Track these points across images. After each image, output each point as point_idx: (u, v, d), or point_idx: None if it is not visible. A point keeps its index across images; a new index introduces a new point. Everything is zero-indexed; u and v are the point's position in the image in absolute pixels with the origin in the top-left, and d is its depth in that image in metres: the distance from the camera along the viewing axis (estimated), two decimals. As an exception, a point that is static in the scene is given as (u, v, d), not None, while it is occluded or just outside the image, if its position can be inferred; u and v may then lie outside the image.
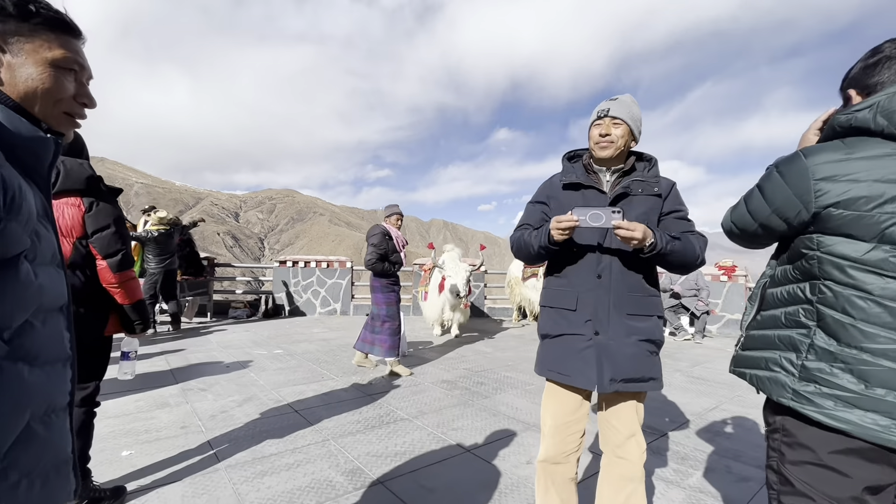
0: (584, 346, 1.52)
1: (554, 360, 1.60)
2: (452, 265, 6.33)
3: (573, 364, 1.53)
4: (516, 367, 4.74)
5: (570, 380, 1.53)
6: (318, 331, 6.83)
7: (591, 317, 1.52)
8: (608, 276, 1.53)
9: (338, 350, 5.38)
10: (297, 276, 8.62)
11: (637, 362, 1.49)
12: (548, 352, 1.63)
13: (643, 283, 1.56)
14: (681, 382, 4.35)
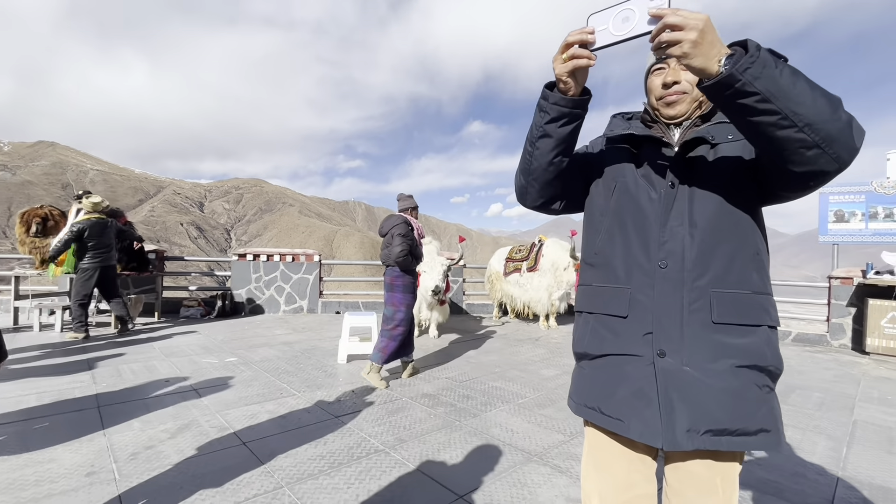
0: (642, 373, 0.99)
1: (596, 394, 1.06)
2: (429, 259, 5.77)
3: (625, 402, 1.00)
4: (504, 376, 4.24)
5: (622, 427, 1.00)
6: (281, 332, 6.14)
7: (653, 328, 0.98)
8: (678, 258, 0.98)
9: (301, 357, 4.74)
10: (258, 270, 7.85)
11: (735, 402, 0.94)
12: (586, 380, 1.10)
13: (742, 267, 0.98)
14: (685, 390, 3.95)
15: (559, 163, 1.07)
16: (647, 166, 1.06)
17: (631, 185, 1.07)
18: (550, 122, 1.00)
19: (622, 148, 1.13)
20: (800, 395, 3.96)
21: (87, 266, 5.51)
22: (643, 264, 1.01)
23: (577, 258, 6.61)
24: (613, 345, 1.03)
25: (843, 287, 6.46)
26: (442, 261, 5.63)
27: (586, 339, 1.09)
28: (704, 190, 0.99)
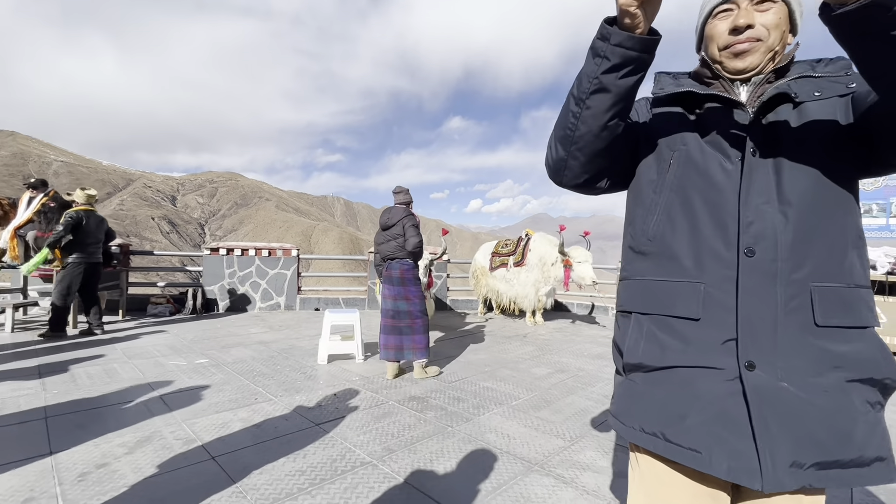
0: (723, 392, 0.78)
1: (656, 416, 0.84)
2: None
3: (702, 429, 0.79)
4: (495, 375, 4.04)
5: (700, 461, 0.78)
6: (257, 331, 5.80)
7: (737, 333, 0.78)
8: (769, 244, 0.78)
9: (278, 357, 4.44)
10: (232, 265, 7.44)
11: (847, 426, 0.75)
12: (641, 398, 0.88)
13: (843, 255, 0.79)
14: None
15: (614, 127, 0.85)
16: (713, 132, 0.85)
17: (696, 153, 0.86)
18: (610, 70, 0.78)
19: (674, 111, 0.92)
20: (794, 391, 3.90)
21: (78, 261, 5.16)
22: (720, 252, 0.80)
23: (565, 254, 6.47)
24: (681, 354, 0.82)
25: (825, 282, 6.51)
26: (425, 255, 5.40)
27: (641, 347, 0.88)
28: (794, 160, 0.79)
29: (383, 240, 4.05)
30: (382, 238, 4.07)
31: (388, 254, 3.99)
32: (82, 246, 5.20)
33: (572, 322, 7.41)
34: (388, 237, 4.01)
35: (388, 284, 3.97)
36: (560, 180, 0.96)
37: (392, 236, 3.98)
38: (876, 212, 6.93)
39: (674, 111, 0.92)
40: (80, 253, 5.17)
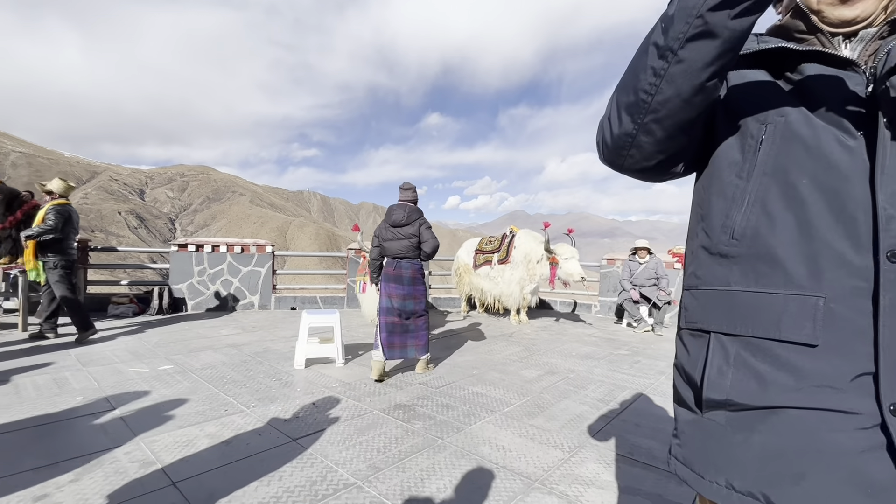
0: (859, 444, 0.59)
1: (759, 472, 0.64)
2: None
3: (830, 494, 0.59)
4: (484, 379, 3.86)
5: None
6: (228, 332, 5.45)
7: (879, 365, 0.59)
8: None
9: (251, 362, 4.14)
10: (202, 262, 7.02)
11: None
12: (731, 444, 0.68)
13: None
14: (668, 389, 3.71)
15: (712, 90, 0.65)
16: (823, 99, 0.66)
17: (800, 127, 0.66)
18: (721, 5, 0.57)
19: (759, 76, 0.73)
20: (784, 391, 3.85)
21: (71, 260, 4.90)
22: (846, 255, 0.61)
23: (552, 251, 6.34)
24: (792, 392, 0.63)
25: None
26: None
27: (729, 379, 0.68)
28: None
29: (393, 237, 3.90)
30: (392, 235, 3.91)
31: (398, 252, 3.88)
32: (69, 242, 4.88)
33: (557, 320, 7.31)
34: (399, 235, 3.89)
35: (396, 283, 3.86)
36: (620, 163, 0.75)
37: (406, 235, 3.88)
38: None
39: (758, 76, 0.73)
40: (69, 250, 4.88)
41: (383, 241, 3.96)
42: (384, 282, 3.91)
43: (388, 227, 3.95)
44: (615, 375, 4.10)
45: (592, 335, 6.11)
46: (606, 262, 8.16)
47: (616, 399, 3.44)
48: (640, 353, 5.10)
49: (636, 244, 6.92)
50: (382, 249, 3.98)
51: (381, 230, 3.99)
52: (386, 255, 3.96)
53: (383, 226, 3.99)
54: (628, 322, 6.90)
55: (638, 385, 3.82)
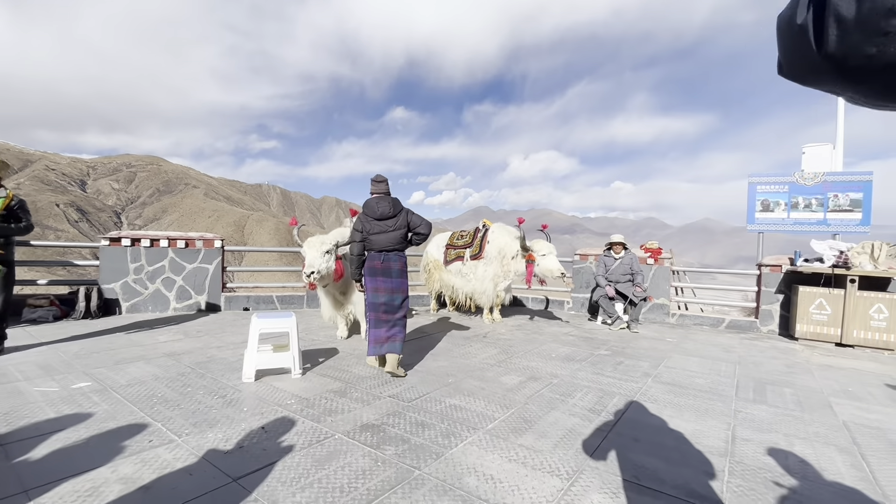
0: None
1: None
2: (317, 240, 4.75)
3: None
4: (461, 388, 3.46)
5: None
6: (167, 339, 4.78)
7: None
8: None
9: (191, 375, 3.55)
10: (139, 258, 6.23)
11: None
12: None
13: None
14: (663, 395, 3.48)
15: None
16: None
17: None
18: None
19: None
20: (773, 391, 3.69)
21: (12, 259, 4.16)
22: None
23: (528, 248, 6.01)
24: None
25: (772, 274, 6.62)
26: (324, 238, 4.59)
27: None
28: None
29: (381, 230, 3.85)
30: (380, 228, 3.85)
31: (387, 245, 3.86)
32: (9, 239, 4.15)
33: (531, 318, 7.03)
34: (388, 228, 3.86)
35: (384, 277, 3.85)
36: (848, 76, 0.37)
37: (396, 227, 3.86)
38: (815, 206, 7.19)
39: None
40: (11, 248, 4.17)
41: (370, 234, 3.86)
42: (370, 276, 3.85)
43: (372, 220, 3.86)
44: (600, 380, 3.81)
45: (569, 334, 5.85)
46: (579, 258, 7.97)
47: (607, 408, 3.13)
48: (620, 353, 4.86)
49: (611, 239, 6.73)
50: (368, 244, 3.87)
51: (364, 224, 3.87)
52: (372, 248, 3.87)
53: (366, 220, 3.88)
54: (603, 319, 6.71)
55: (626, 390, 3.54)
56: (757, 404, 3.36)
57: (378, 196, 3.96)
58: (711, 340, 5.81)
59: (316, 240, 4.53)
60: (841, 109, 7.63)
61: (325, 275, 4.46)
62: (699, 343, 5.60)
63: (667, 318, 7.18)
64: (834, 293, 5.80)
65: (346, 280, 5.00)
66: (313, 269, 4.24)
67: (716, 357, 4.84)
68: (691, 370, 4.26)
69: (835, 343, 5.80)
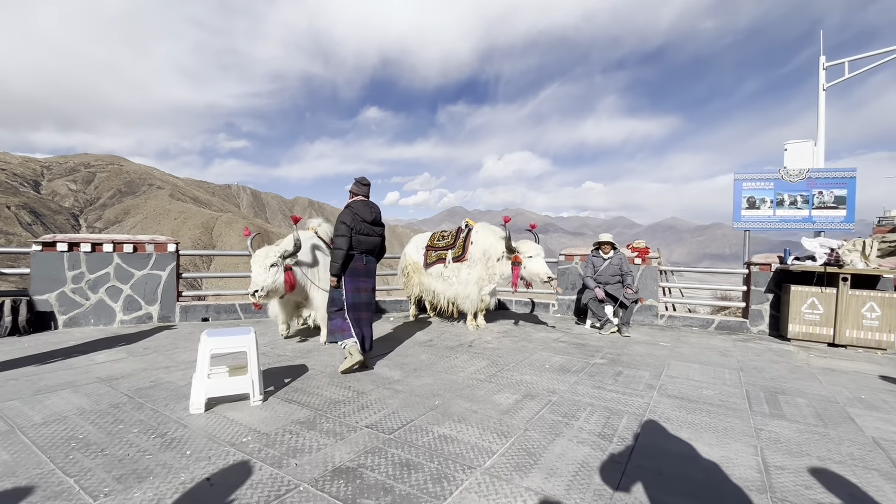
0: None
1: None
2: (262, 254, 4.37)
3: None
4: (450, 412, 3.01)
5: None
6: (106, 358, 4.14)
7: None
8: None
9: (128, 406, 2.97)
10: (78, 265, 5.50)
11: None
12: None
13: None
14: (675, 412, 3.12)
15: None
16: None
17: None
18: None
19: None
20: (787, 403, 3.40)
21: None
22: None
23: (514, 250, 5.61)
24: None
25: (762, 273, 6.45)
26: (269, 251, 4.31)
27: None
28: None
29: (368, 232, 4.00)
30: (367, 231, 4.00)
31: (369, 248, 4.04)
32: None
33: (515, 323, 6.64)
34: (373, 231, 4.06)
35: (366, 278, 4.05)
36: None
37: (380, 234, 4.13)
38: (800, 203, 7.09)
39: None
40: None
41: (360, 234, 3.93)
42: (353, 277, 3.92)
43: (362, 221, 3.95)
44: (603, 395, 3.44)
45: (559, 340, 5.48)
46: (564, 258, 7.65)
47: (618, 431, 2.74)
48: (617, 361, 4.52)
49: (599, 238, 6.42)
50: (357, 244, 3.92)
51: (357, 223, 3.93)
52: (355, 249, 3.92)
53: (356, 218, 3.93)
54: (592, 323, 6.39)
55: (634, 408, 3.17)
56: (775, 419, 3.05)
57: (365, 199, 4.09)
58: (705, 343, 5.56)
59: (261, 253, 4.30)
60: (822, 106, 7.59)
61: (271, 290, 4.20)
62: (694, 347, 5.33)
63: (656, 319, 6.93)
64: (826, 292, 5.65)
65: (301, 289, 4.69)
66: (257, 287, 4.05)
67: (715, 363, 4.56)
68: (695, 379, 3.94)
69: (827, 343, 5.65)
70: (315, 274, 4.81)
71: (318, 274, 4.82)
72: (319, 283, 4.78)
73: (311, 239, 4.97)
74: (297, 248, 4.45)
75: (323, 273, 4.83)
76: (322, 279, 4.79)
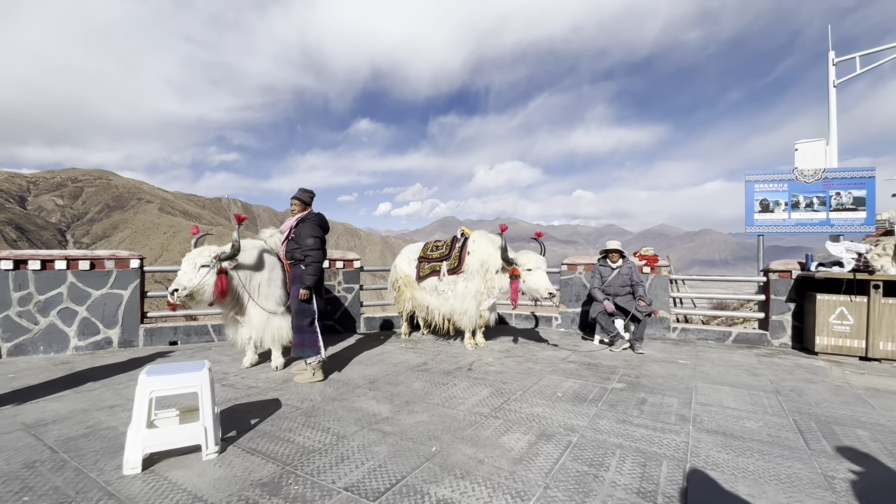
0: None
1: None
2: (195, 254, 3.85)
3: None
4: (450, 463, 2.43)
5: None
6: (44, 395, 3.51)
7: None
8: None
9: (47, 465, 2.35)
10: (25, 286, 4.87)
11: None
12: None
13: None
14: (722, 455, 2.58)
15: None
16: None
17: None
18: None
19: None
20: (847, 437, 2.87)
21: None
22: None
23: (511, 261, 5.07)
24: None
25: (782, 281, 5.98)
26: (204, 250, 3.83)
27: None
28: None
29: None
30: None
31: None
32: None
33: (515, 340, 6.09)
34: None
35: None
36: None
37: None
38: (817, 205, 6.66)
39: None
40: None
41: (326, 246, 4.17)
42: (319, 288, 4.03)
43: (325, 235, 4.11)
44: (631, 432, 2.89)
45: (568, 360, 4.94)
46: (567, 268, 7.13)
47: (660, 486, 2.19)
48: (637, 384, 3.98)
49: (607, 245, 5.92)
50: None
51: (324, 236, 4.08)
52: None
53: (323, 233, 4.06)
54: (601, 338, 5.86)
55: (671, 449, 2.63)
56: (843, 460, 2.52)
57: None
58: (728, 360, 5.05)
59: (194, 252, 3.77)
60: (833, 103, 7.22)
61: (195, 292, 3.62)
62: (717, 364, 4.81)
63: (668, 332, 6.42)
64: (856, 301, 5.17)
65: (237, 299, 4.11)
66: (178, 287, 3.54)
67: (747, 385, 4.04)
68: (731, 407, 3.42)
69: (859, 357, 5.17)
70: (256, 288, 4.20)
71: (260, 289, 4.22)
72: (259, 298, 4.19)
73: (258, 247, 4.38)
74: (234, 251, 3.90)
75: (266, 289, 4.26)
76: (264, 295, 4.23)
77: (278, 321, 4.24)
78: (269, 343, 4.26)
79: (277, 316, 4.26)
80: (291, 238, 4.05)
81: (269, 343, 4.26)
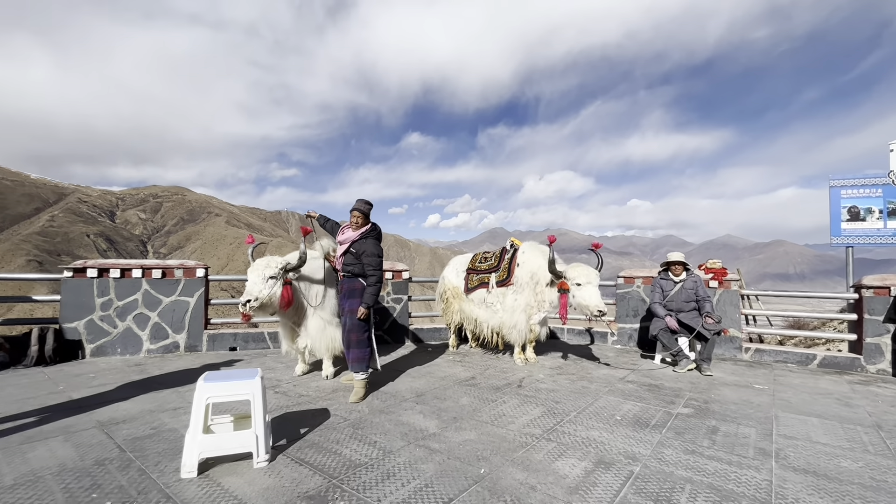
0: None
1: None
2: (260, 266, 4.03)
3: None
4: (499, 488, 2.29)
5: None
6: (120, 396, 3.76)
7: None
8: None
9: (114, 464, 2.48)
10: (107, 292, 5.32)
11: None
12: None
13: None
14: (810, 498, 2.25)
15: None
16: None
17: None
18: None
19: None
20: (974, 487, 2.41)
21: None
22: None
23: (560, 274, 4.85)
24: None
25: (879, 298, 5.29)
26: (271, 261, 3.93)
27: None
28: None
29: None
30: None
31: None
32: None
33: (565, 357, 5.81)
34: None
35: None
36: None
37: None
38: None
39: None
40: None
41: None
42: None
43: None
44: (702, 465, 2.60)
45: (626, 380, 4.62)
46: (624, 281, 6.75)
47: (740, 532, 1.93)
48: (706, 410, 3.63)
49: (669, 258, 5.53)
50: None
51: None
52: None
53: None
54: (663, 357, 5.45)
55: (751, 488, 2.33)
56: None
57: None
58: (813, 386, 4.50)
59: (261, 263, 3.86)
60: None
61: (265, 303, 3.75)
62: (800, 391, 4.30)
63: (739, 353, 5.87)
64: (974, 323, 4.45)
65: (298, 308, 4.24)
66: (250, 297, 3.63)
67: (839, 416, 3.56)
68: (822, 442, 3.01)
69: (980, 389, 4.42)
70: (315, 298, 4.31)
71: (318, 299, 4.33)
72: (318, 308, 4.31)
73: (319, 258, 4.50)
74: (301, 262, 4.01)
75: (323, 299, 4.36)
76: (322, 305, 4.35)
77: (332, 331, 4.33)
78: (323, 352, 4.35)
79: (332, 326, 4.35)
80: (351, 252, 3.97)
81: (322, 352, 4.35)
